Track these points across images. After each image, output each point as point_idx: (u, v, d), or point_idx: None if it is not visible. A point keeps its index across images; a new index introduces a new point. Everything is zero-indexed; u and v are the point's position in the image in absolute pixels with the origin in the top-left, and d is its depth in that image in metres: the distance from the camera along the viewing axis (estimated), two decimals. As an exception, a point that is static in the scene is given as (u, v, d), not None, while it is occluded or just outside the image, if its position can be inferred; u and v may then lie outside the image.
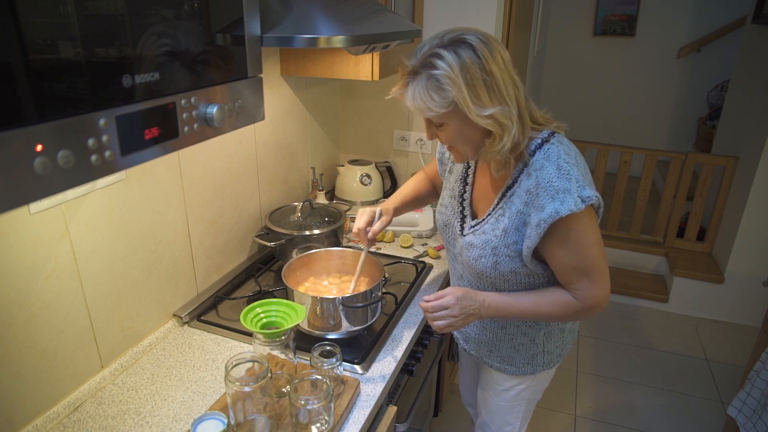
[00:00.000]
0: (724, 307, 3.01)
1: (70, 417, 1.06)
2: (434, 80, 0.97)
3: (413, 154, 2.15)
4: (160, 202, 1.27)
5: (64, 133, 0.56)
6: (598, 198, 1.02)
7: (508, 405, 1.39)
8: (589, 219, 1.05)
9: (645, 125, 4.89)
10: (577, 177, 1.02)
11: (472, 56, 0.96)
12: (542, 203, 1.02)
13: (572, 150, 1.08)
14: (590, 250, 1.06)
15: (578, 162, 1.06)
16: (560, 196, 1.00)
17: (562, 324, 1.27)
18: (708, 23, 4.45)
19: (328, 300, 1.21)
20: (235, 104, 0.85)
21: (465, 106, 0.97)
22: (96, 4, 0.59)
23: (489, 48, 0.98)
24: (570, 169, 1.02)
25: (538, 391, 1.40)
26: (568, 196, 1.00)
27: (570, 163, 1.03)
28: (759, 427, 1.58)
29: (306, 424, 1.00)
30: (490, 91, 0.97)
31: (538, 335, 1.25)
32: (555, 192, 1.01)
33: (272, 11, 1.01)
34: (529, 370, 1.30)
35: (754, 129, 2.85)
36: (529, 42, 3.17)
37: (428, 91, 0.98)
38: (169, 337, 1.32)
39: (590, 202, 1.01)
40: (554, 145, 1.05)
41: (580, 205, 1.00)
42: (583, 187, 1.02)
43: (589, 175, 1.08)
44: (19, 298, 0.95)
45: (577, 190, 1.01)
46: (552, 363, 1.31)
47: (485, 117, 0.98)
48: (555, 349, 1.30)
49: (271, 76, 1.67)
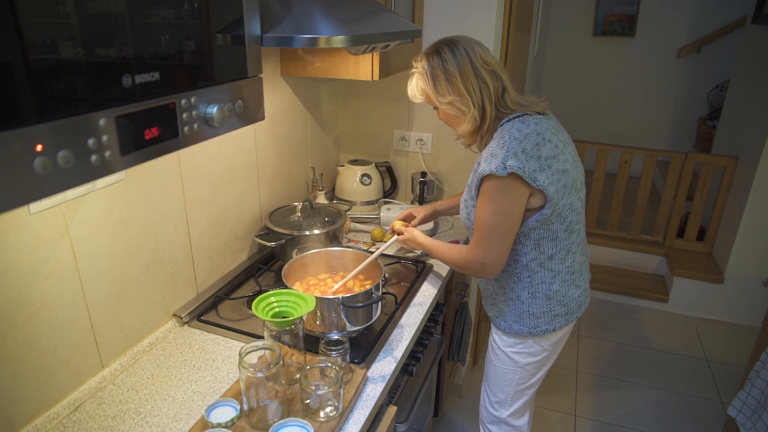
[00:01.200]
0: (724, 307, 3.01)
1: (70, 417, 1.06)
2: (418, 75, 1.35)
3: (413, 154, 2.15)
4: (160, 202, 1.27)
5: (64, 133, 0.56)
6: (522, 169, 1.18)
7: (502, 368, 1.50)
8: (506, 187, 1.21)
9: (645, 125, 4.89)
10: (510, 147, 1.21)
11: (438, 59, 1.29)
12: (480, 164, 1.27)
13: (526, 129, 1.24)
14: (489, 213, 1.24)
15: (525, 137, 1.22)
16: (490, 159, 1.23)
17: (547, 289, 1.37)
18: (708, 23, 4.45)
19: (329, 300, 1.21)
20: (235, 104, 0.85)
21: (431, 94, 1.32)
22: (96, 4, 0.59)
23: (467, 48, 1.28)
24: (508, 141, 1.22)
25: (532, 364, 1.47)
26: (495, 160, 1.21)
27: (512, 137, 1.22)
28: (759, 427, 1.58)
29: (316, 409, 1.04)
30: (450, 84, 1.28)
31: (523, 293, 1.38)
32: (488, 155, 1.24)
33: (272, 11, 1.01)
34: (516, 328, 1.41)
35: (754, 129, 2.85)
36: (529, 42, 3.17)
37: (414, 80, 1.37)
38: (169, 337, 1.32)
39: (511, 170, 1.18)
40: (510, 124, 1.27)
41: (501, 169, 1.19)
42: (511, 156, 1.19)
43: (538, 150, 1.21)
44: (19, 298, 0.95)
45: (503, 157, 1.20)
46: (539, 331, 1.40)
47: (444, 103, 1.31)
48: (542, 315, 1.39)
49: (271, 76, 1.67)
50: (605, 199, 3.41)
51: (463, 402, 2.39)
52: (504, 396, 1.54)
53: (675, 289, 3.07)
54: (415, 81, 1.37)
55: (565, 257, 1.34)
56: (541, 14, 3.62)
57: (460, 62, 1.27)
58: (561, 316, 1.40)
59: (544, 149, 1.22)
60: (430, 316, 1.61)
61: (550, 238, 1.30)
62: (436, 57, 1.29)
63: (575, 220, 1.32)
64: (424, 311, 1.45)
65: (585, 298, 1.46)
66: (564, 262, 1.35)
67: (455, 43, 1.29)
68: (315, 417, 1.03)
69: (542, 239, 1.30)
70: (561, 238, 1.31)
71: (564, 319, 1.40)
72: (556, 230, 1.30)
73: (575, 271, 1.38)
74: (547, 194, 1.22)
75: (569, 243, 1.33)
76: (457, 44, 1.29)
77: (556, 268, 1.34)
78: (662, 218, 3.21)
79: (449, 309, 1.91)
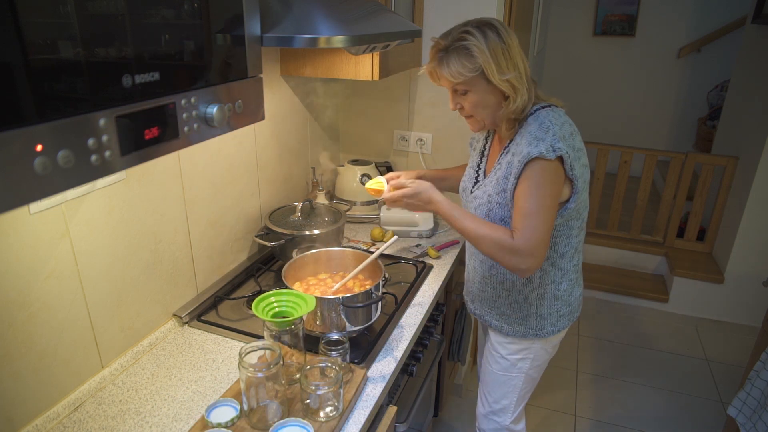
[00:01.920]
0: (724, 307, 3.02)
1: (70, 417, 1.06)
2: (464, 50, 1.18)
3: (413, 154, 2.15)
4: (160, 202, 1.27)
5: (64, 133, 0.56)
6: (568, 154, 1.15)
7: (505, 375, 1.46)
8: (553, 172, 1.17)
9: (645, 125, 4.89)
10: (554, 132, 1.17)
11: (493, 32, 1.18)
12: (522, 149, 1.19)
13: (561, 117, 1.22)
14: (540, 197, 1.17)
15: (563, 125, 1.20)
16: (535, 142, 1.17)
17: (555, 289, 1.34)
18: (708, 23, 4.45)
19: (329, 300, 1.21)
20: (235, 104, 0.85)
21: (489, 70, 1.17)
22: (96, 4, 0.59)
23: (506, 30, 1.20)
24: (550, 125, 1.18)
25: (535, 368, 1.45)
26: (541, 143, 1.16)
27: (552, 122, 1.19)
28: (759, 427, 1.58)
29: (316, 409, 1.04)
30: (507, 59, 1.18)
31: (532, 294, 1.35)
32: (532, 139, 1.18)
33: (272, 11, 1.01)
34: (521, 331, 1.38)
35: (754, 129, 2.85)
36: (529, 42, 3.17)
37: (460, 59, 1.18)
38: (169, 337, 1.32)
39: (560, 153, 1.15)
40: (545, 111, 1.23)
41: (551, 152, 1.14)
42: (558, 139, 1.16)
43: (573, 139, 1.20)
44: (19, 298, 0.95)
45: (551, 140, 1.16)
46: (545, 332, 1.37)
47: (504, 81, 1.18)
48: (548, 316, 1.36)
49: (271, 76, 1.67)
50: (605, 199, 3.41)
51: (463, 402, 2.39)
52: (507, 403, 1.51)
53: (675, 289, 3.07)
54: (456, 59, 1.18)
55: (573, 255, 1.34)
56: (541, 14, 3.62)
57: (509, 39, 1.20)
58: (565, 316, 1.39)
59: (576, 140, 1.22)
60: (430, 316, 1.61)
61: (566, 234, 1.29)
62: (491, 31, 1.18)
63: (586, 217, 1.32)
64: (424, 311, 1.45)
65: (583, 297, 1.46)
66: (572, 261, 1.34)
67: (496, 21, 1.22)
68: (315, 417, 1.03)
69: (559, 236, 1.28)
70: (574, 235, 1.30)
71: (567, 320, 1.40)
72: (572, 227, 1.28)
73: (579, 269, 1.38)
74: (576, 186, 1.20)
75: (578, 241, 1.33)
76: (497, 22, 1.22)
77: (565, 266, 1.34)
78: (662, 218, 3.21)
79: (449, 309, 1.91)
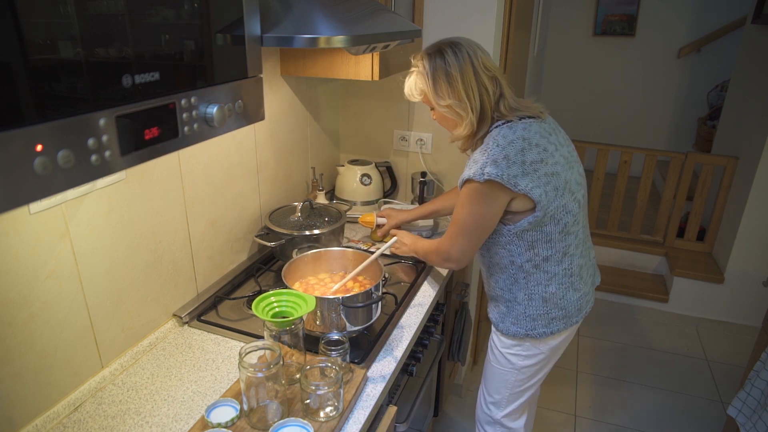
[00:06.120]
0: (724, 307, 3.01)
1: (70, 417, 1.06)
2: (418, 75, 1.32)
3: (413, 154, 2.15)
4: (160, 202, 1.27)
5: (64, 133, 0.56)
6: (500, 176, 1.19)
7: (500, 369, 1.51)
8: (482, 192, 1.24)
9: (645, 125, 4.89)
10: (492, 154, 1.22)
11: (441, 61, 1.27)
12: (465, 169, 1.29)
13: (511, 136, 1.24)
14: (464, 213, 1.28)
15: (510, 143, 1.23)
16: (471, 164, 1.25)
17: (543, 291, 1.37)
18: (708, 23, 4.45)
19: (329, 300, 1.21)
20: (235, 104, 0.85)
21: (430, 95, 1.31)
22: (96, 4, 0.59)
23: (461, 57, 1.25)
24: (491, 147, 1.23)
25: (528, 366, 1.46)
26: (475, 165, 1.23)
27: (496, 144, 1.23)
28: (759, 427, 1.58)
29: (316, 409, 1.04)
30: (450, 87, 1.27)
31: (519, 294, 1.39)
32: (471, 161, 1.27)
33: (272, 11, 1.01)
34: (513, 330, 1.41)
35: (754, 129, 2.85)
36: (529, 42, 3.17)
37: (415, 82, 1.34)
38: (169, 337, 1.32)
39: (489, 177, 1.20)
40: (497, 130, 1.27)
41: (479, 175, 1.21)
42: (490, 163, 1.21)
43: (522, 155, 1.22)
44: (19, 298, 0.95)
45: (483, 164, 1.22)
46: (536, 333, 1.39)
47: (443, 106, 1.30)
48: (539, 317, 1.38)
49: (271, 76, 1.67)
50: (605, 199, 3.41)
51: (463, 402, 2.40)
52: (500, 397, 1.54)
53: (675, 289, 3.07)
54: (414, 80, 1.34)
55: (561, 259, 1.33)
56: (541, 14, 3.62)
57: (463, 65, 1.25)
58: (559, 320, 1.39)
59: (529, 154, 1.22)
60: (430, 316, 1.61)
61: (544, 240, 1.30)
62: (438, 58, 1.26)
63: (571, 222, 1.30)
64: (424, 311, 1.45)
65: (586, 302, 1.43)
66: (560, 265, 1.34)
67: (458, 45, 1.26)
68: (315, 417, 1.03)
69: (536, 241, 1.30)
70: (556, 240, 1.30)
71: (562, 323, 1.39)
72: (550, 232, 1.29)
73: (573, 273, 1.37)
74: (534, 197, 1.22)
75: (566, 245, 1.32)
76: (460, 46, 1.26)
77: (552, 270, 1.34)
78: (662, 218, 3.21)
79: (449, 309, 1.91)
